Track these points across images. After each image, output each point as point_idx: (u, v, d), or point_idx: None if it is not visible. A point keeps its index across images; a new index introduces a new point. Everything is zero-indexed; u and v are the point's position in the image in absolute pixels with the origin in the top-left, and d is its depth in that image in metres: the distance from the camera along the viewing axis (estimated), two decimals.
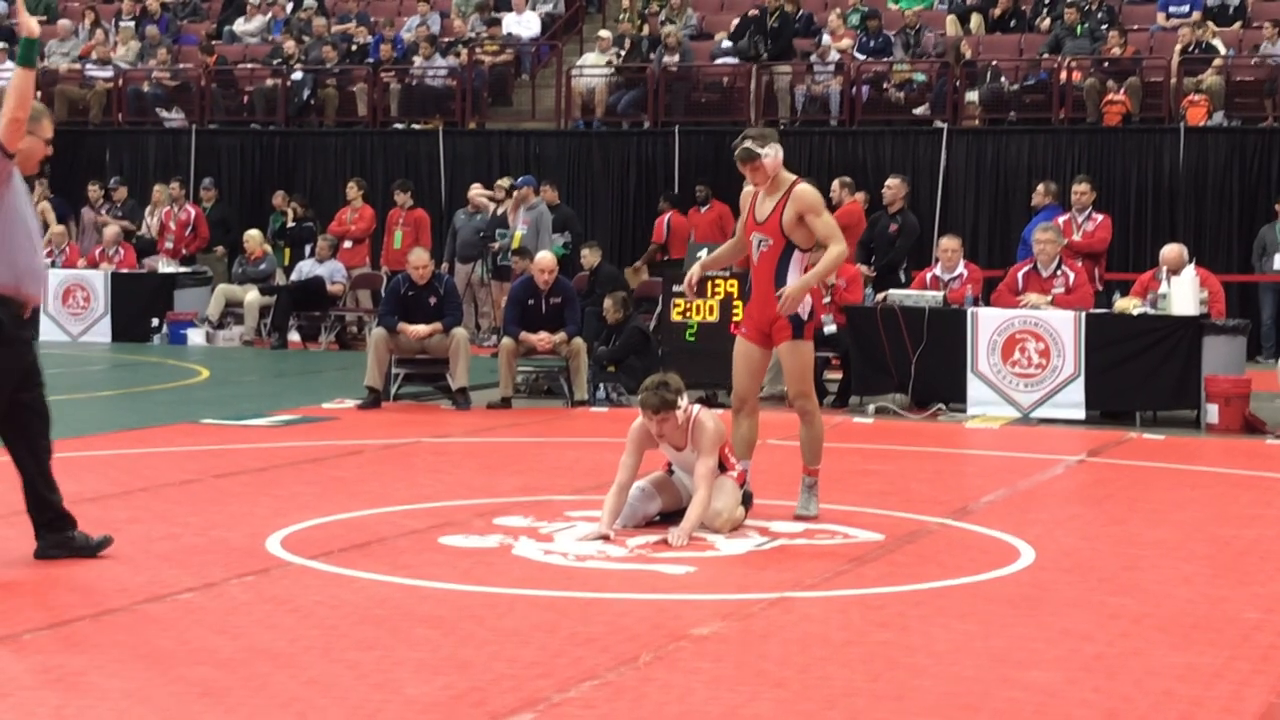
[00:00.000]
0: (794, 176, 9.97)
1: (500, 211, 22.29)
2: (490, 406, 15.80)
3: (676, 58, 25.27)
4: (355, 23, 28.48)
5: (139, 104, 27.47)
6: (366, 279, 23.18)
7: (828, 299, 16.31)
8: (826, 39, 25.20)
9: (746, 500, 9.83)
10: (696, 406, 9.60)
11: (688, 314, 16.18)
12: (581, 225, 22.91)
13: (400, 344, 15.97)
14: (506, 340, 16.07)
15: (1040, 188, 19.35)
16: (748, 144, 9.80)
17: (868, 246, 19.09)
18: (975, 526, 9.95)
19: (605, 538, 9.20)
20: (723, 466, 9.67)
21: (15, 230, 8.16)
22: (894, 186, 18.95)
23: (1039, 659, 6.81)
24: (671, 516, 9.69)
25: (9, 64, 28.78)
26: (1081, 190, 17.72)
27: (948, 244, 16.60)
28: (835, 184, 19.79)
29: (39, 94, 27.19)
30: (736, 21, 25.80)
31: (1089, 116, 23.27)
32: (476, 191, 23.03)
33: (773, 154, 9.79)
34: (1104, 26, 24.15)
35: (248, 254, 23.52)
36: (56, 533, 8.45)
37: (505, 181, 22.90)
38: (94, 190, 25.55)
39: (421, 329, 15.85)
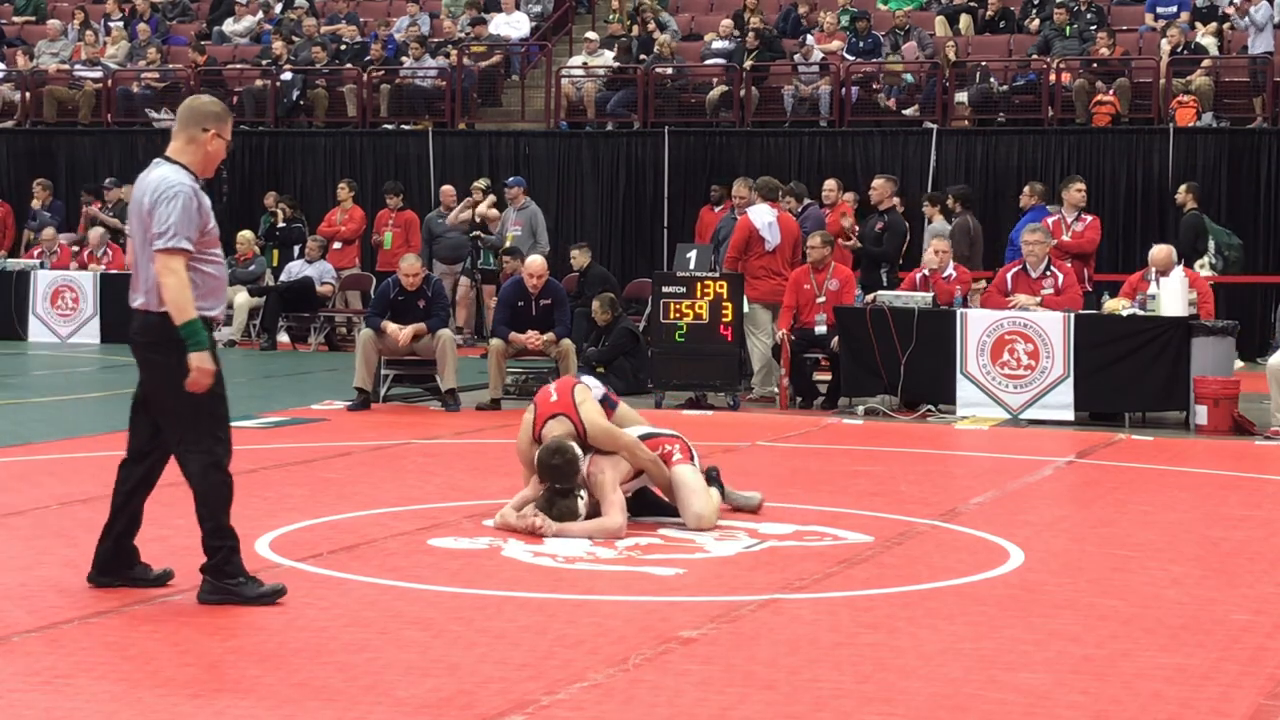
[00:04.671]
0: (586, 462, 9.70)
1: (478, 217, 22.26)
2: (480, 408, 15.79)
3: (670, 70, 25.27)
4: (345, 23, 28.46)
5: (128, 104, 27.43)
6: (356, 280, 23.17)
7: (821, 299, 16.33)
8: (810, 40, 25.22)
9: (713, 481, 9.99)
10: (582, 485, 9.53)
11: (678, 315, 16.17)
12: (571, 226, 22.92)
13: (389, 345, 15.96)
14: (496, 341, 16.07)
15: (1027, 188, 19.37)
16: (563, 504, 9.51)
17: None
18: (964, 528, 9.96)
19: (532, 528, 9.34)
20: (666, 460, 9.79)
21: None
22: (879, 187, 18.92)
23: (1028, 661, 6.82)
24: (651, 506, 9.86)
25: None
26: (1079, 188, 17.75)
27: (939, 244, 16.61)
28: (831, 183, 19.73)
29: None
30: (727, 30, 25.74)
31: (1078, 117, 23.30)
32: (456, 213, 22.79)
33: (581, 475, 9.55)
34: (1093, 27, 24.19)
35: (238, 255, 23.49)
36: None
37: (482, 183, 22.87)
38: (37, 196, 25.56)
39: (406, 330, 15.82)
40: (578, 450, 9.46)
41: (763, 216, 17.13)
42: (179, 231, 7.55)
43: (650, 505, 10.00)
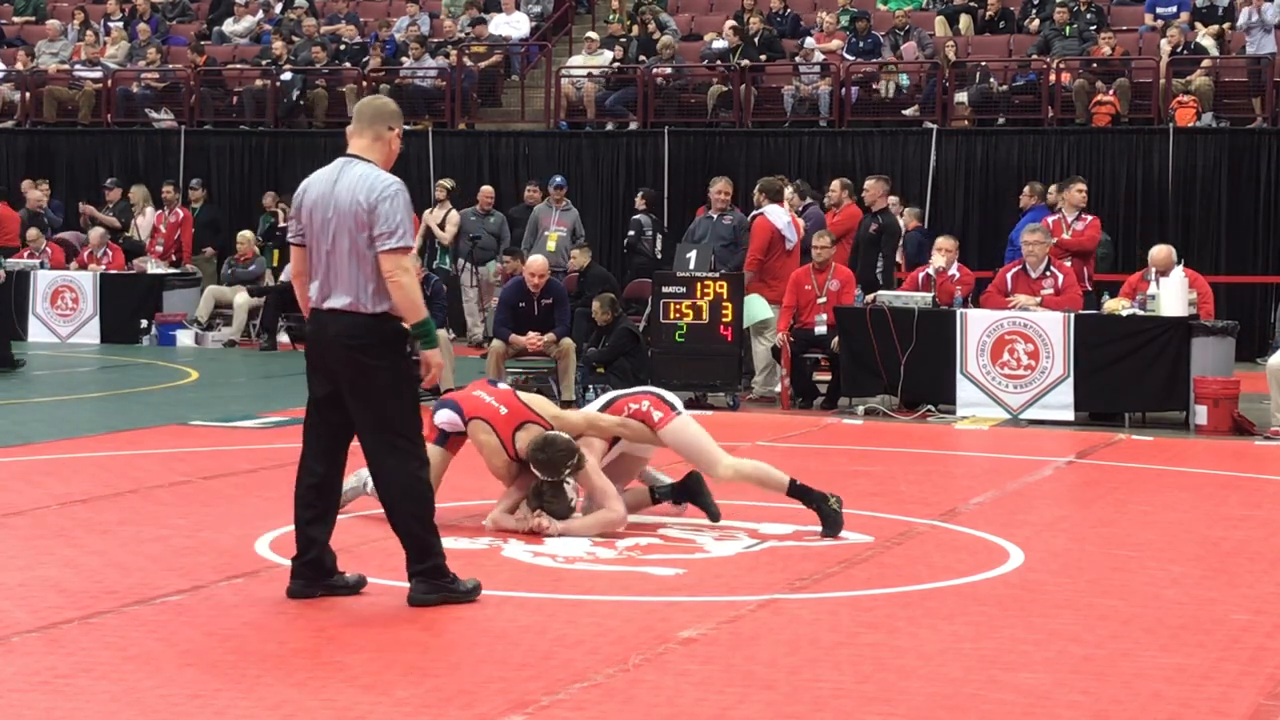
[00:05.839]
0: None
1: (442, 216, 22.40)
2: None
3: (669, 70, 25.28)
4: (345, 23, 28.46)
5: (128, 105, 27.43)
6: None
7: (822, 299, 16.33)
8: (810, 41, 25.23)
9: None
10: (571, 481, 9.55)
11: (678, 315, 16.16)
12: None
13: None
14: (496, 342, 16.07)
15: (1027, 189, 19.34)
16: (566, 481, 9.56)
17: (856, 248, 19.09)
18: (964, 528, 9.96)
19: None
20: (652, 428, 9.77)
21: None
22: (871, 188, 18.78)
23: (1028, 661, 6.83)
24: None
25: None
26: (1079, 189, 17.74)
27: (944, 243, 16.61)
28: (836, 184, 19.75)
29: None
30: (729, 31, 25.74)
31: (1078, 117, 23.30)
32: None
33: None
34: (1093, 27, 24.18)
35: (238, 255, 23.50)
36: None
37: (447, 182, 22.91)
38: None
39: None
40: (563, 435, 9.44)
41: (780, 217, 17.21)
42: (406, 229, 7.58)
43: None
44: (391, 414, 7.61)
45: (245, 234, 23.76)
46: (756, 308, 16.81)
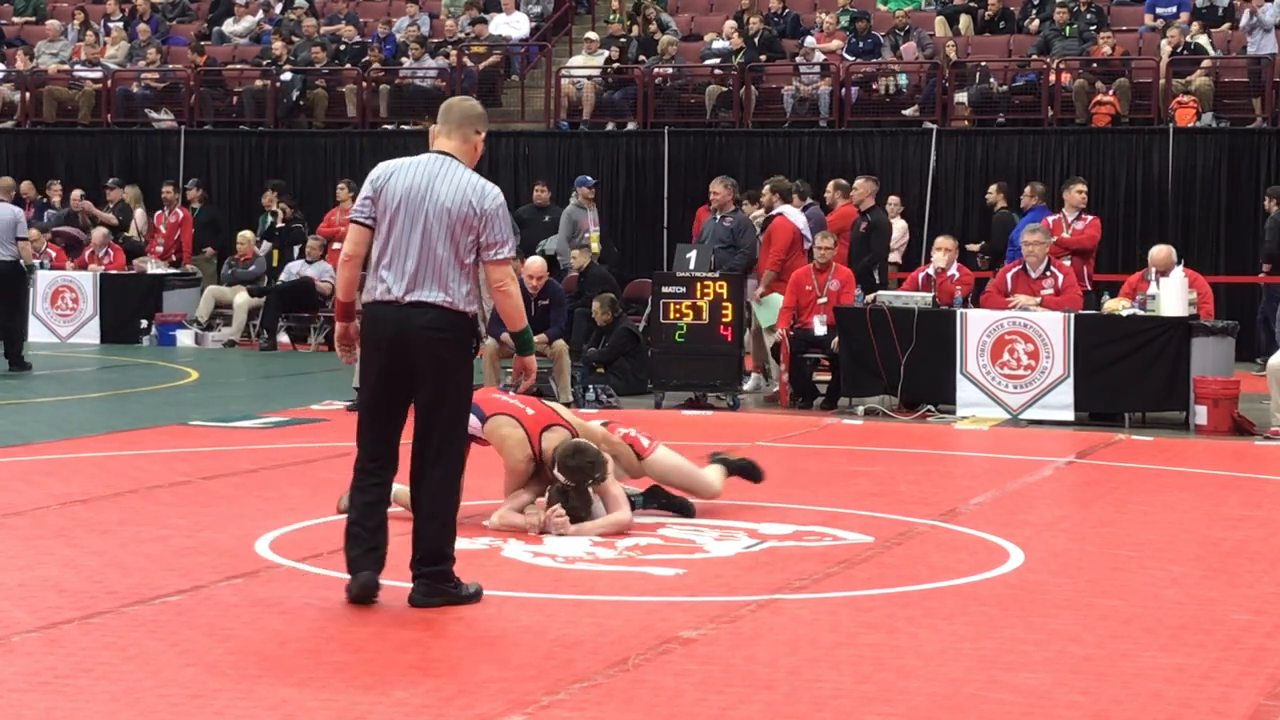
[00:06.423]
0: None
1: None
2: None
3: (669, 70, 25.28)
4: (345, 23, 28.46)
5: (128, 105, 27.42)
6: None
7: (823, 299, 16.32)
8: (810, 41, 25.23)
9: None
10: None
11: (678, 315, 16.15)
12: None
13: None
14: (489, 341, 16.06)
15: (1028, 189, 19.34)
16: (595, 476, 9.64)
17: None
18: (964, 528, 9.96)
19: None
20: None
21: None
22: (860, 187, 18.66)
23: (1028, 661, 6.83)
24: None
25: None
26: (1080, 189, 17.74)
27: (943, 242, 16.61)
28: (830, 186, 19.72)
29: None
30: (730, 31, 25.74)
31: (1078, 117, 23.29)
32: None
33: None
34: (1093, 27, 24.18)
35: (238, 255, 23.49)
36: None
37: None
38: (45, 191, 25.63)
39: None
40: (593, 445, 9.56)
41: (798, 216, 17.26)
42: (512, 240, 7.82)
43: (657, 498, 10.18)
44: (454, 414, 7.78)
45: (245, 234, 23.75)
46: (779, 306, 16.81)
